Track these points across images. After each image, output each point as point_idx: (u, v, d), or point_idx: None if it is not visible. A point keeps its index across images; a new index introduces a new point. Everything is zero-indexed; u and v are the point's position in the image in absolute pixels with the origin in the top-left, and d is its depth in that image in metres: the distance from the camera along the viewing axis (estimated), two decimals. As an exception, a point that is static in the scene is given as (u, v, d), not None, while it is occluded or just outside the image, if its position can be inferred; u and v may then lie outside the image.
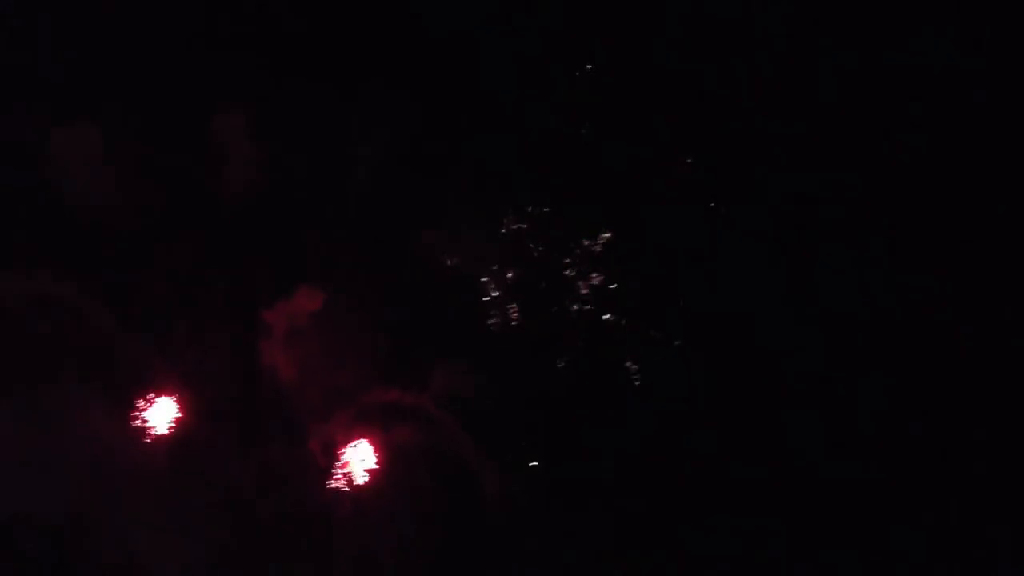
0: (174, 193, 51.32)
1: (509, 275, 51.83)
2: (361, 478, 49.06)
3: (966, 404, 46.99)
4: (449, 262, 51.54)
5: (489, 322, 51.83)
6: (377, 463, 49.29)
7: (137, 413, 47.94)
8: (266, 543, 47.12)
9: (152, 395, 48.16)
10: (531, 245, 52.10)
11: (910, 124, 49.17)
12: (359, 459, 49.43)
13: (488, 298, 51.87)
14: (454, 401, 50.55)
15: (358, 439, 49.82)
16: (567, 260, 52.07)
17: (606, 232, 51.87)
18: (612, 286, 51.59)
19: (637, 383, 51.05)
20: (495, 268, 51.85)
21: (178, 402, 48.54)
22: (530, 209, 52.25)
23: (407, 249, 51.68)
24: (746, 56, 51.05)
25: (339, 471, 49.08)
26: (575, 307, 51.66)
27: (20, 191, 48.73)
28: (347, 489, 48.67)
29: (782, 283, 49.94)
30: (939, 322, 47.61)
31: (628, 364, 51.02)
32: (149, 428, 47.85)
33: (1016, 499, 45.04)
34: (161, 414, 48.25)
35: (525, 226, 51.92)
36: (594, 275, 51.69)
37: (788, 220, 49.90)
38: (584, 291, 51.52)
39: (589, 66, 52.44)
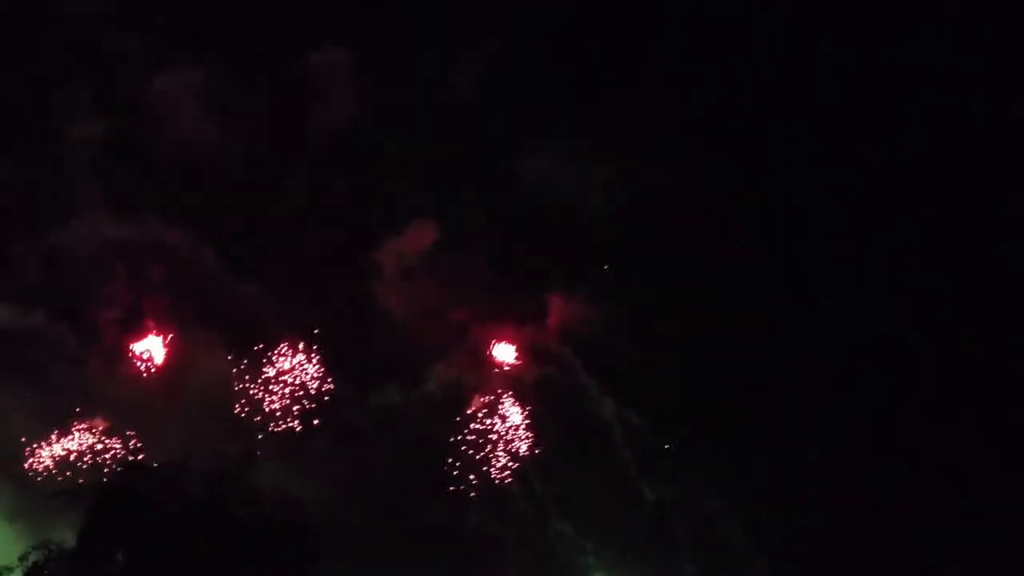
0: (278, 135, 50.64)
1: (624, 205, 50.11)
2: (481, 414, 48.55)
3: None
4: (564, 193, 49.88)
5: (608, 254, 50.37)
6: (496, 397, 48.72)
7: (254, 357, 47.86)
8: (390, 481, 46.58)
9: (267, 339, 48.12)
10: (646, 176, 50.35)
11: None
12: (478, 395, 48.96)
13: (606, 229, 50.29)
14: (573, 334, 49.78)
15: (476, 375, 49.23)
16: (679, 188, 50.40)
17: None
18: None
19: (760, 323, 49.45)
20: (609, 198, 50.17)
21: (292, 346, 48.37)
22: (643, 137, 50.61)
23: (519, 180, 50.35)
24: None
25: (459, 408, 48.63)
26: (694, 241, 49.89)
27: (128, 141, 48.61)
28: (468, 426, 48.17)
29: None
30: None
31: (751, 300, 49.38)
32: (268, 372, 47.87)
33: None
34: (277, 358, 48.21)
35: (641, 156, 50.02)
36: (710, 208, 50.00)
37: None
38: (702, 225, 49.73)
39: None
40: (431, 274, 49.97)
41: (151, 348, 45.95)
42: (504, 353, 49.79)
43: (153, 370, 45.93)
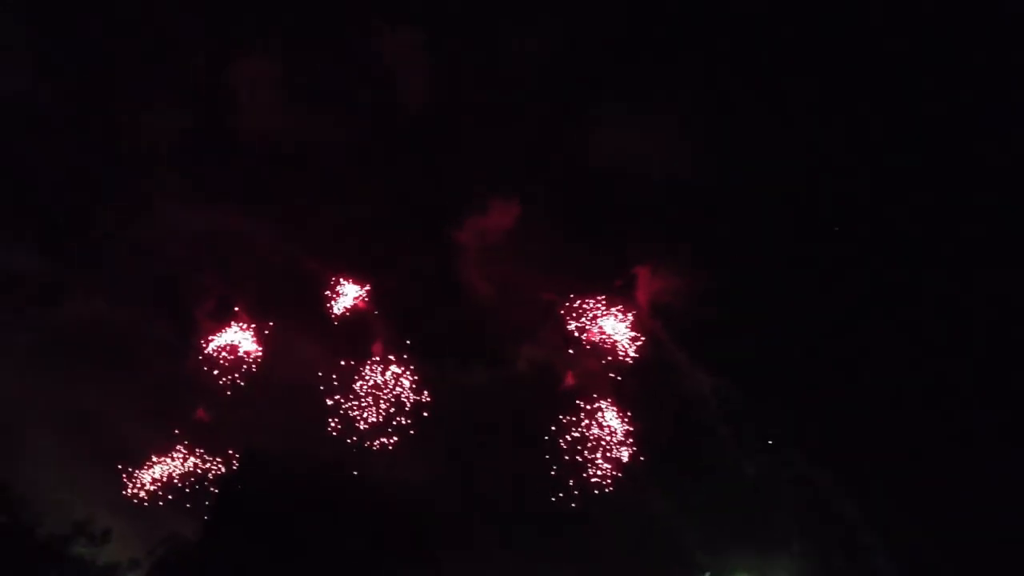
0: (351, 117, 50.21)
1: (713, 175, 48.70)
2: (569, 390, 47.80)
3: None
4: (649, 163, 48.54)
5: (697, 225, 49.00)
6: (585, 374, 47.89)
7: (336, 339, 47.62)
8: (481, 459, 45.95)
9: (347, 322, 47.84)
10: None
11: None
12: (569, 374, 48.21)
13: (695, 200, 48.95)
14: (663, 307, 48.70)
15: (564, 353, 48.40)
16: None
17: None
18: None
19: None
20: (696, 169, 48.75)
21: (375, 330, 48.08)
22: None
23: (602, 153, 49.17)
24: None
25: (547, 386, 47.89)
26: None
27: (196, 127, 48.43)
28: (560, 406, 47.43)
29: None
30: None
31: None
32: (349, 355, 47.61)
33: None
34: (358, 340, 47.95)
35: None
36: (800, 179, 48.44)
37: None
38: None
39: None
40: (515, 252, 49.25)
41: (240, 339, 45.89)
42: (593, 329, 48.78)
43: (246, 362, 45.82)
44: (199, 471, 40.78)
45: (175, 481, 40.14)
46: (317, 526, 25.87)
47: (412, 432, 45.25)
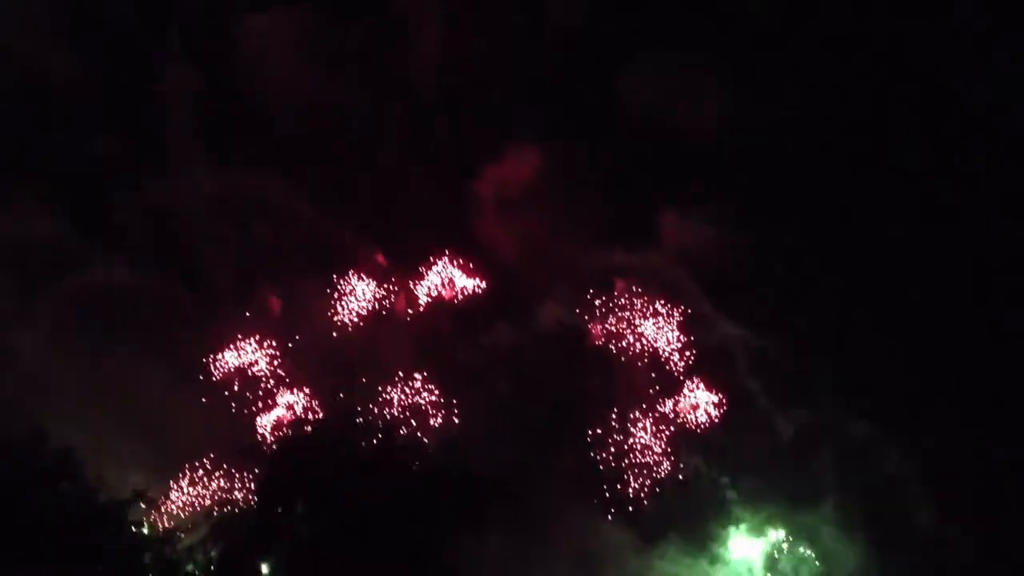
0: (368, 72, 49.14)
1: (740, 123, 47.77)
2: (594, 345, 47.23)
3: None
4: (674, 111, 47.56)
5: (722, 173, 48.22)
6: (609, 329, 47.22)
7: (364, 301, 47.00)
8: (506, 415, 45.31)
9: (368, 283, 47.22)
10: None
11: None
12: (591, 328, 47.60)
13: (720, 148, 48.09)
14: (687, 257, 47.99)
15: (588, 307, 47.73)
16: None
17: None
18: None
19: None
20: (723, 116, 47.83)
21: (403, 289, 47.47)
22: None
23: (626, 100, 48.07)
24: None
25: (570, 342, 47.31)
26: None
27: (224, 94, 47.35)
28: (587, 361, 46.83)
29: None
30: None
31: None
32: (380, 316, 47.02)
33: None
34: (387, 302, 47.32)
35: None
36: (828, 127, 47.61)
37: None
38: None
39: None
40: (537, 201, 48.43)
41: (267, 302, 45.23)
42: (612, 281, 47.90)
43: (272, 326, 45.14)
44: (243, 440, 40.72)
45: (217, 450, 40.56)
46: (366, 488, 25.44)
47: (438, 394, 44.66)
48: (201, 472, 39.90)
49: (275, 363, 43.31)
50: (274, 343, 43.66)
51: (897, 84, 47.47)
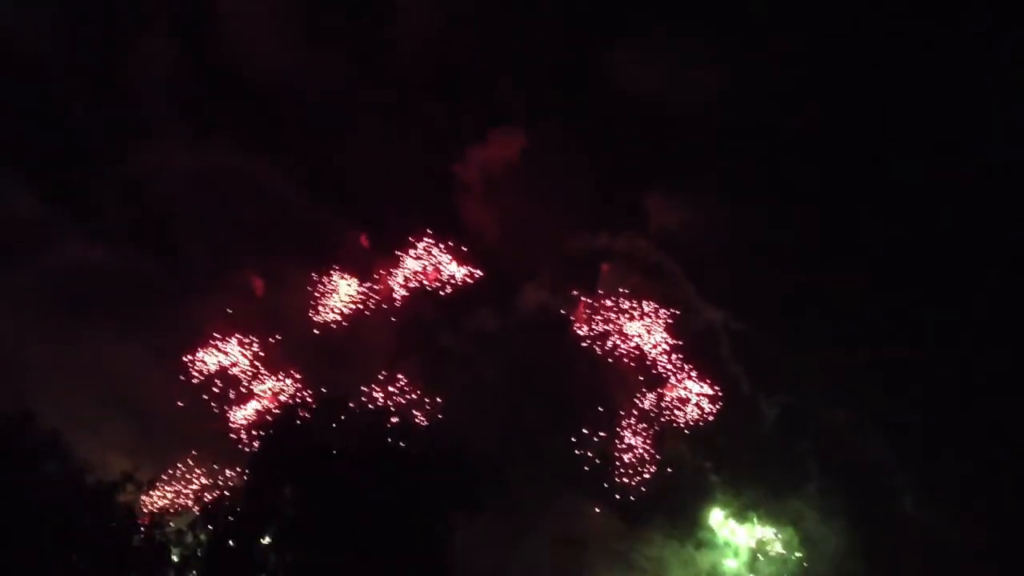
0: (349, 47, 48.42)
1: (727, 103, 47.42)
2: (579, 329, 46.95)
3: None
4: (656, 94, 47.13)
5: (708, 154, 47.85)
6: (592, 312, 47.01)
7: (344, 284, 46.46)
8: (492, 400, 44.94)
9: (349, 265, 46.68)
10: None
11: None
12: (573, 311, 47.30)
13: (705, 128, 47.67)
14: (672, 240, 47.76)
15: (570, 291, 47.44)
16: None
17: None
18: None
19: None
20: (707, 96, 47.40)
21: (380, 271, 46.94)
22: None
23: (606, 81, 47.71)
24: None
25: (554, 324, 47.01)
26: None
27: (200, 63, 46.45)
28: (572, 345, 46.57)
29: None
30: None
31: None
32: (360, 299, 46.48)
33: None
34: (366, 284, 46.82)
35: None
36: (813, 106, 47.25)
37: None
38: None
39: None
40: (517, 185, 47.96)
41: (248, 281, 44.51)
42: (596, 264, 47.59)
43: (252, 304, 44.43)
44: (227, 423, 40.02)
45: (202, 432, 39.74)
46: (356, 471, 25.01)
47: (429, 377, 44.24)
48: (189, 461, 39.39)
49: (256, 348, 42.84)
50: (254, 333, 43.06)
51: (886, 66, 47.38)
